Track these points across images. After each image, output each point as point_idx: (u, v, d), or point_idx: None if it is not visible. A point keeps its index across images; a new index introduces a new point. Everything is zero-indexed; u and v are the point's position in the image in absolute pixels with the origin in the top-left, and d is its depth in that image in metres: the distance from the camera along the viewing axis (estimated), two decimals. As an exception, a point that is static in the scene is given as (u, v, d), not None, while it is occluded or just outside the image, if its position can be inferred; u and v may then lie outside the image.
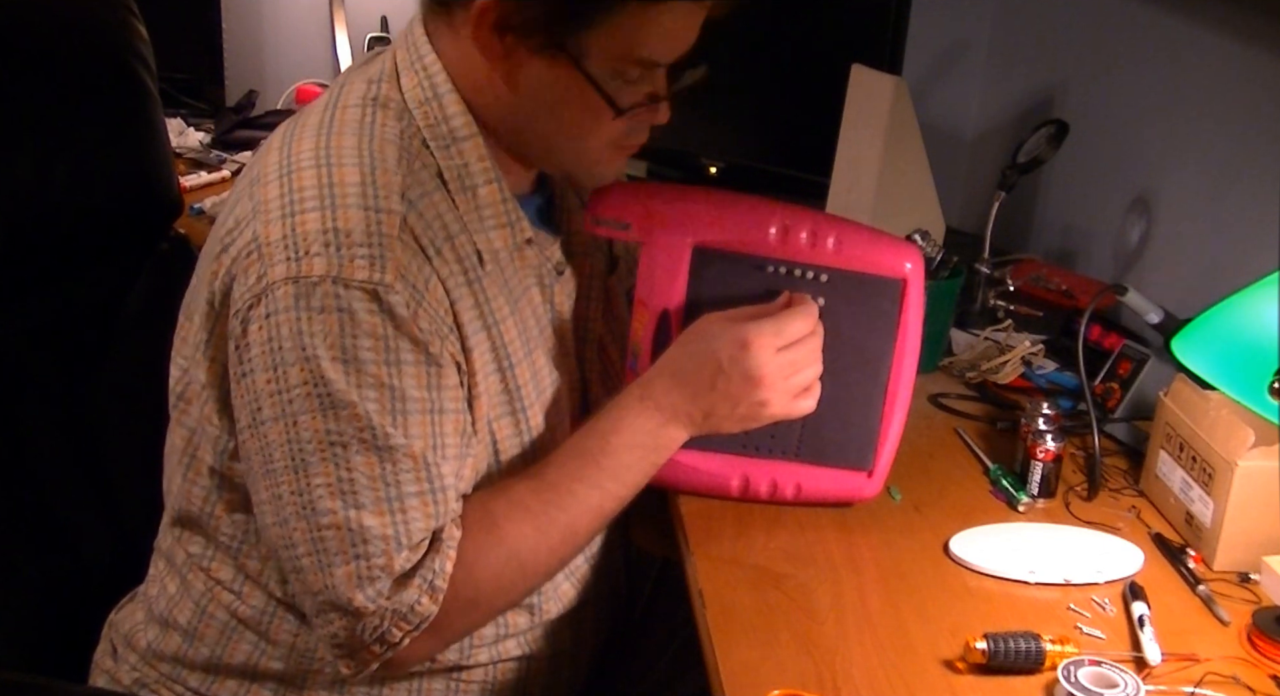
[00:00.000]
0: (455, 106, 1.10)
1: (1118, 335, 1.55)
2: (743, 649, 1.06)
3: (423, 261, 1.04)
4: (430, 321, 1.03)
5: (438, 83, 1.10)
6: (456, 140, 1.10)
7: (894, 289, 1.21)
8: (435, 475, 1.04)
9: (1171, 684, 1.03)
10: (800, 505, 1.26)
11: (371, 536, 1.02)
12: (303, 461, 1.02)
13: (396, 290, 1.01)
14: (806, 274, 1.19)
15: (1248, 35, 1.51)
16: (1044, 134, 1.76)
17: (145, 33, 1.40)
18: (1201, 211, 1.61)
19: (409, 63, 1.11)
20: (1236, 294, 1.06)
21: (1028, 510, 1.30)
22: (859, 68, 1.79)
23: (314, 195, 1.03)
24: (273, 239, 1.02)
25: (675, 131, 2.27)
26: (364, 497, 1.02)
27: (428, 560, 1.04)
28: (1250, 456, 1.16)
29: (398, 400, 1.02)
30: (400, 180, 1.05)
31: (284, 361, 1.01)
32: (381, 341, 1.01)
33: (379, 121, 1.08)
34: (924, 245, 1.60)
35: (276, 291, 1.01)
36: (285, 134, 1.10)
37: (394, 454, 1.02)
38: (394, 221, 1.02)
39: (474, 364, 1.08)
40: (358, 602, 1.02)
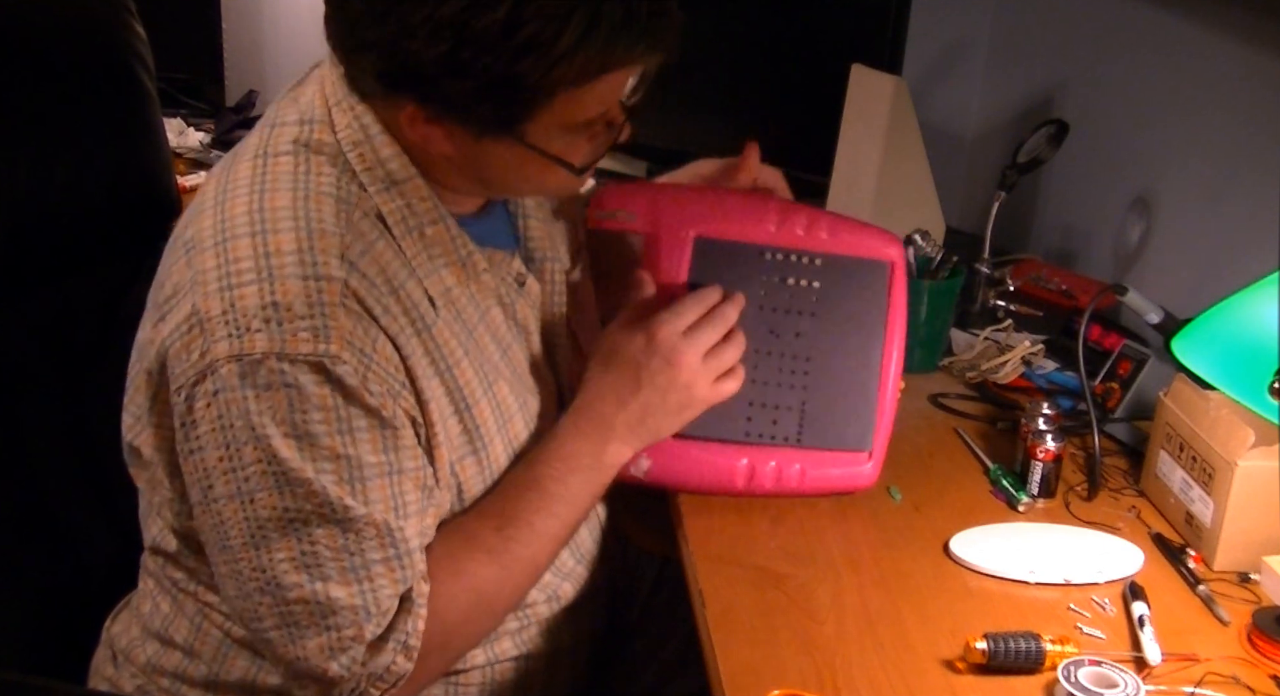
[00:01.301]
0: (389, 149, 1.07)
1: (1118, 335, 1.55)
2: (743, 649, 1.06)
3: (369, 324, 1.02)
4: (381, 383, 1.02)
5: (367, 124, 1.06)
6: (395, 182, 1.07)
7: (882, 270, 1.27)
8: (400, 540, 1.03)
9: (1171, 684, 1.03)
10: (804, 496, 1.26)
11: (340, 608, 1.01)
12: (263, 538, 1.01)
13: (343, 359, 0.99)
14: (801, 259, 1.26)
15: (1248, 35, 1.51)
16: (1044, 134, 1.76)
17: (143, 33, 1.40)
18: (1201, 211, 1.61)
19: (339, 101, 1.07)
20: (1236, 294, 1.06)
21: (1028, 510, 1.30)
22: (859, 68, 1.79)
23: (250, 267, 1.00)
24: (213, 314, 1.00)
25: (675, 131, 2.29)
26: (329, 569, 1.01)
27: (399, 622, 1.04)
28: (1250, 456, 1.16)
29: (354, 468, 1.01)
30: (339, 241, 1.02)
31: (235, 440, 0.99)
32: (332, 412, 0.99)
33: (313, 171, 1.05)
34: (924, 245, 1.60)
35: (220, 369, 0.99)
36: (219, 189, 1.06)
37: (355, 524, 1.01)
38: (335, 288, 1.00)
39: (431, 415, 1.07)
40: (332, 672, 1.02)
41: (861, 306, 1.27)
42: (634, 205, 1.26)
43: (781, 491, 1.26)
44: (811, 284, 1.25)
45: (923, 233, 1.61)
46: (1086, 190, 1.93)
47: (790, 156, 2.10)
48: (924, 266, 1.59)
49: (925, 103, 1.94)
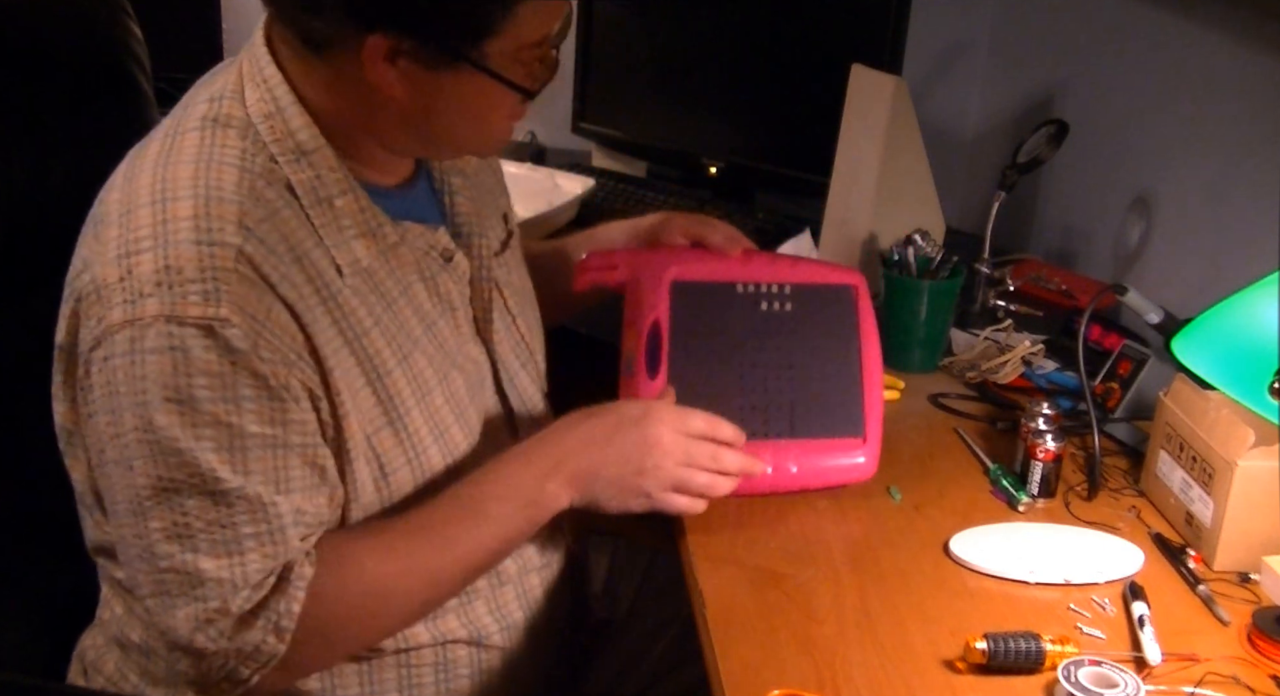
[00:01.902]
0: (299, 119, 1.08)
1: (1118, 335, 1.55)
2: (743, 649, 1.06)
3: (264, 290, 1.02)
4: (274, 350, 1.01)
5: (279, 96, 1.08)
6: (305, 153, 1.08)
7: (848, 292, 1.36)
8: (273, 515, 1.03)
9: (1171, 684, 1.03)
10: (804, 491, 1.26)
11: (207, 579, 1.01)
12: (140, 506, 1.02)
13: (233, 323, 0.99)
14: (772, 288, 1.34)
15: (1248, 35, 1.51)
16: (1044, 134, 1.76)
17: (140, 33, 1.40)
18: (1201, 211, 1.61)
19: (252, 75, 1.09)
20: (1236, 294, 1.06)
21: (1028, 510, 1.30)
22: (859, 68, 1.79)
23: (149, 235, 1.01)
24: (110, 281, 1.01)
25: (675, 131, 2.29)
26: (199, 541, 1.01)
27: (273, 600, 1.03)
28: (1250, 456, 1.16)
29: (236, 437, 1.01)
30: (237, 208, 1.03)
31: (120, 406, 1.00)
32: (218, 378, 0.99)
33: (218, 143, 1.06)
34: (924, 245, 1.60)
35: (115, 335, 1.00)
36: (128, 167, 1.09)
37: (228, 497, 1.01)
38: (228, 254, 1.01)
39: (336, 383, 1.06)
40: (198, 643, 1.02)
41: (834, 321, 1.34)
42: (615, 258, 1.36)
43: (780, 486, 1.26)
44: (785, 307, 1.33)
45: (923, 233, 1.61)
46: (1086, 190, 1.93)
47: (790, 156, 2.11)
48: (924, 266, 1.59)
49: (925, 103, 1.94)
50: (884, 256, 1.62)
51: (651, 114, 2.28)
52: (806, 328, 1.33)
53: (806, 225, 1.89)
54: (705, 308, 1.32)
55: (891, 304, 1.61)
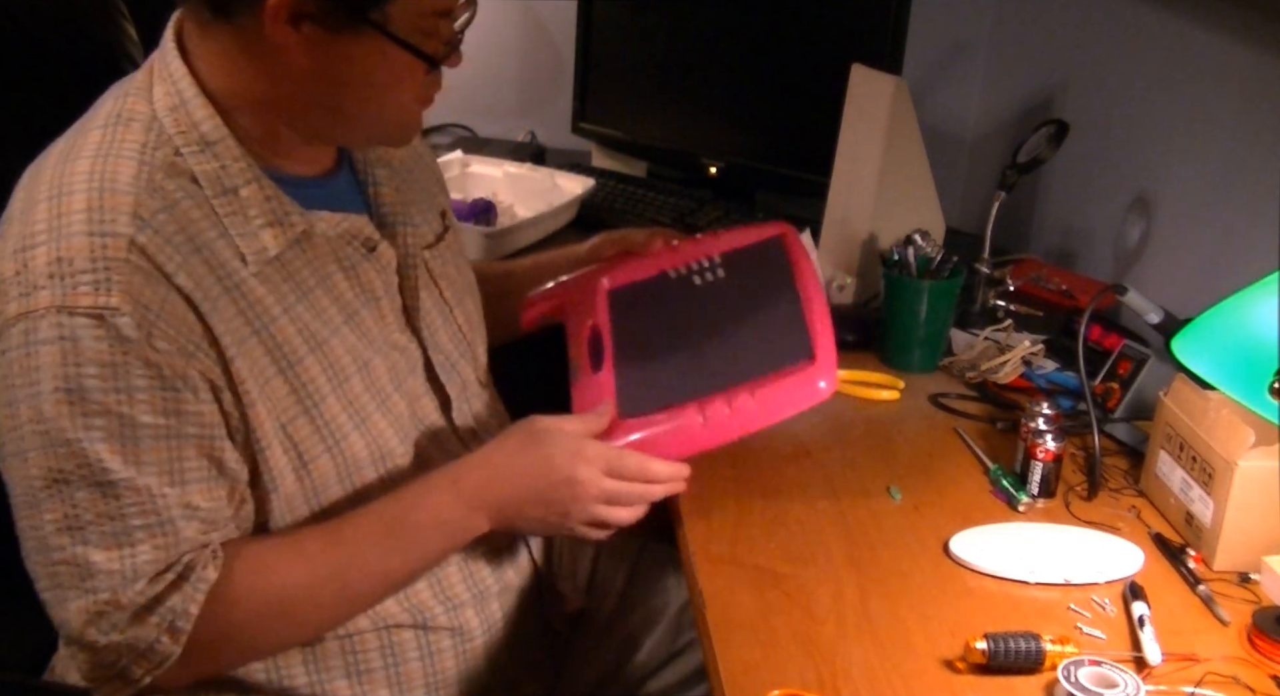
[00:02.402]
0: (202, 111, 1.09)
1: (1118, 335, 1.55)
2: (743, 649, 1.06)
3: (158, 281, 1.02)
4: (169, 341, 1.02)
5: (183, 89, 1.09)
6: (209, 144, 1.08)
7: (777, 242, 1.38)
8: (163, 506, 1.03)
9: (1171, 684, 1.03)
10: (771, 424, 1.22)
11: (98, 571, 1.02)
12: (34, 497, 1.02)
13: (124, 312, 0.99)
14: (702, 263, 1.38)
15: (1248, 35, 1.51)
16: (1044, 134, 1.76)
17: (135, 33, 1.39)
18: (1201, 211, 1.61)
19: (160, 71, 1.11)
20: (1236, 294, 1.06)
21: (1028, 510, 1.30)
22: (859, 68, 1.79)
23: (44, 229, 1.02)
24: (7, 276, 1.02)
25: (675, 131, 2.29)
26: (90, 533, 1.01)
27: (169, 598, 1.03)
28: (1250, 456, 1.16)
29: (127, 427, 1.01)
30: (131, 199, 1.03)
31: (15, 398, 1.01)
32: (109, 368, 1.00)
33: (118, 139, 1.07)
34: (924, 245, 1.60)
35: (11, 328, 1.00)
36: (34, 166, 1.10)
37: (116, 488, 1.01)
38: (120, 244, 1.01)
39: (240, 373, 1.06)
40: (89, 637, 1.02)
41: (769, 271, 1.35)
42: (551, 293, 1.43)
43: (745, 425, 1.22)
44: (719, 275, 1.37)
45: (923, 233, 1.61)
46: (1086, 190, 1.93)
47: (790, 156, 2.11)
48: (924, 266, 1.59)
49: (925, 103, 1.94)
50: (884, 256, 1.62)
51: (651, 114, 2.28)
52: (744, 285, 1.35)
53: (806, 225, 1.88)
54: (644, 302, 1.36)
55: (891, 304, 1.61)
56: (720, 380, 1.23)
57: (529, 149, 2.40)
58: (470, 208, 1.96)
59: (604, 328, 1.32)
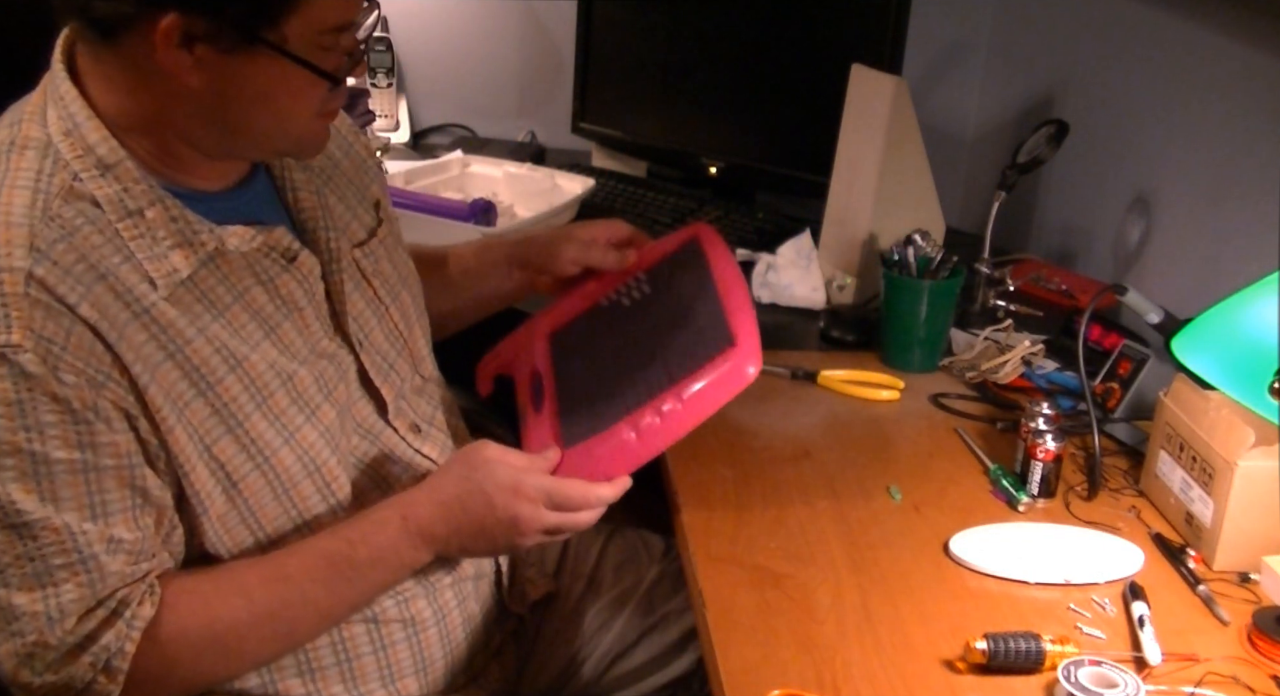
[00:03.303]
0: (96, 134, 1.05)
1: (1118, 335, 1.55)
2: (743, 649, 1.06)
3: (60, 313, 0.99)
4: (76, 373, 0.99)
5: (75, 112, 1.05)
6: (107, 168, 1.05)
7: (693, 245, 1.38)
8: (83, 543, 1.01)
9: (1171, 684, 1.03)
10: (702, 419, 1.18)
11: (21, 614, 1.00)
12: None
13: (25, 348, 0.97)
14: (629, 283, 1.40)
15: (1248, 35, 1.51)
16: (1044, 134, 1.76)
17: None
18: (1201, 211, 1.61)
19: (52, 94, 1.07)
20: (1236, 294, 1.06)
21: (1028, 510, 1.30)
22: (859, 68, 1.79)
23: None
24: None
25: (675, 131, 2.29)
26: (10, 575, 1.00)
27: (102, 636, 1.02)
28: (1250, 456, 1.16)
29: (40, 464, 0.99)
30: (27, 231, 1.00)
31: None
32: (15, 406, 0.97)
33: (12, 167, 1.04)
34: (924, 245, 1.60)
35: None
36: None
37: (32, 529, 0.99)
38: (17, 278, 0.98)
39: (154, 400, 1.03)
40: (23, 678, 1.01)
41: (687, 273, 1.35)
42: (497, 352, 1.43)
43: (676, 428, 1.19)
44: (644, 290, 1.38)
45: (923, 233, 1.61)
46: (1086, 190, 1.93)
47: (790, 156, 2.11)
48: (924, 266, 1.60)
49: (925, 103, 1.94)
50: (884, 256, 1.62)
51: (651, 114, 2.28)
52: (667, 294, 1.35)
53: (806, 225, 1.89)
54: (581, 338, 1.37)
55: (891, 304, 1.61)
56: (648, 390, 1.22)
57: (529, 149, 2.40)
58: (470, 208, 1.96)
59: (544, 369, 1.33)
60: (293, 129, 1.11)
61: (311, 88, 1.07)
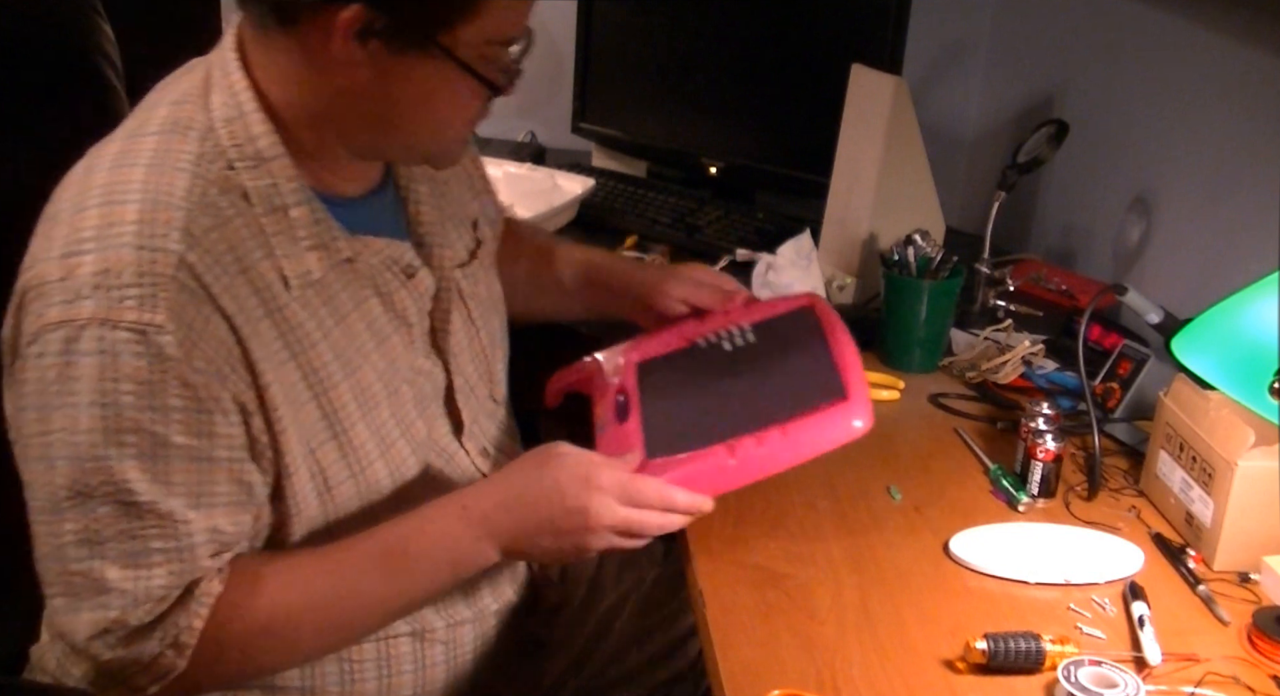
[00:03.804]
0: (261, 126, 1.07)
1: (1118, 335, 1.55)
2: (743, 649, 1.06)
3: (203, 301, 1.01)
4: (207, 362, 1.00)
5: (243, 101, 1.07)
6: (264, 160, 1.07)
7: (807, 313, 1.36)
8: (184, 532, 1.02)
9: (1171, 684, 1.03)
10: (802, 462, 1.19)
11: (111, 588, 1.01)
12: (57, 505, 1.01)
13: (168, 331, 0.98)
14: (730, 330, 1.36)
15: (1248, 35, 1.51)
16: (1044, 134, 1.76)
17: (110, 32, 1.37)
18: (1201, 211, 1.61)
19: (218, 79, 1.09)
20: (1236, 294, 1.06)
21: (1028, 510, 1.30)
22: (859, 68, 1.79)
23: (92, 236, 1.00)
24: (50, 279, 1.00)
25: (675, 131, 2.29)
26: (109, 550, 1.00)
27: (173, 614, 1.02)
28: (1250, 456, 1.16)
29: (159, 446, 0.99)
30: (184, 215, 1.01)
31: (49, 405, 0.99)
32: (145, 385, 0.98)
33: (174, 149, 1.05)
34: (924, 245, 1.60)
35: (50, 334, 0.98)
36: (85, 166, 1.07)
37: (140, 509, 1.00)
38: (169, 260, 0.99)
39: (274, 399, 1.05)
40: (94, 650, 1.02)
41: (800, 333, 1.33)
42: (579, 368, 1.39)
43: (775, 462, 1.19)
44: (749, 340, 1.35)
45: (923, 233, 1.61)
46: (1086, 190, 1.93)
47: (790, 156, 2.11)
48: (924, 266, 1.60)
49: (925, 103, 1.94)
50: (884, 256, 1.62)
51: (651, 114, 2.28)
52: (775, 345, 1.33)
53: (806, 225, 1.89)
54: (673, 369, 1.34)
55: (891, 304, 1.61)
56: (750, 422, 1.22)
57: (529, 149, 2.40)
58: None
59: (631, 390, 1.30)
60: (445, 135, 1.13)
61: (472, 96, 1.09)
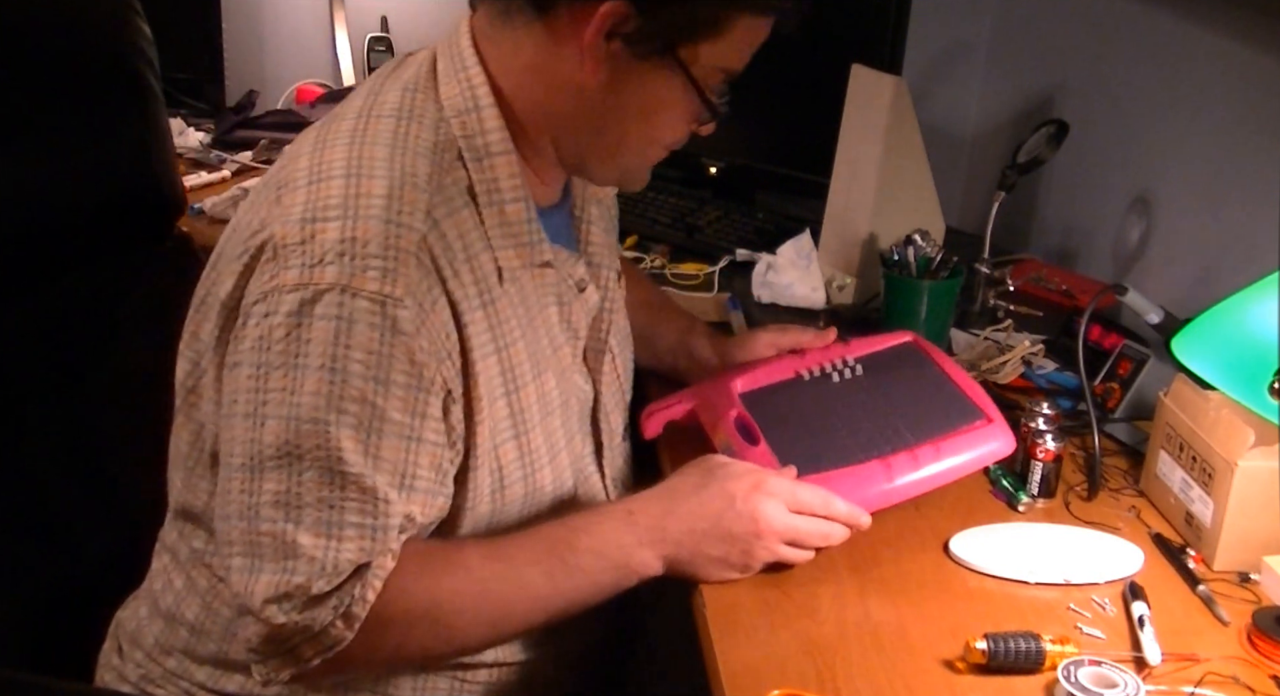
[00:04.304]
0: (494, 121, 1.09)
1: (1118, 335, 1.55)
2: (743, 649, 1.06)
3: (434, 282, 1.03)
4: (432, 342, 1.02)
5: (480, 95, 1.09)
6: (491, 154, 1.09)
7: (910, 347, 1.40)
8: (383, 512, 1.02)
9: (1171, 684, 1.03)
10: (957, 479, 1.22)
11: (301, 554, 1.01)
12: (260, 464, 1.01)
13: (405, 305, 1.00)
14: (836, 363, 1.37)
15: (1248, 35, 1.51)
16: (1044, 134, 1.76)
17: (149, 32, 1.40)
18: (1201, 211, 1.61)
19: (452, 71, 1.11)
20: (1236, 294, 1.06)
21: (1028, 510, 1.30)
22: (859, 68, 1.79)
23: (338, 205, 1.02)
24: (290, 242, 1.01)
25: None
26: (305, 515, 1.01)
27: (349, 585, 1.03)
28: (1250, 456, 1.16)
29: (376, 419, 1.00)
30: (427, 198, 1.04)
31: (269, 363, 1.00)
32: (375, 356, 0.99)
33: (413, 134, 1.07)
34: (924, 245, 1.60)
35: (285, 294, 1.00)
36: (317, 140, 1.09)
37: (345, 480, 1.01)
38: (413, 237, 1.01)
39: (478, 390, 1.07)
40: (267, 613, 1.02)
41: (910, 365, 1.36)
42: (678, 398, 1.38)
43: (931, 480, 1.21)
44: (856, 373, 1.36)
45: (923, 233, 1.61)
46: (1086, 190, 1.93)
47: (790, 156, 2.10)
48: (924, 266, 1.60)
49: (925, 103, 1.94)
50: (884, 256, 1.62)
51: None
52: (885, 376, 1.34)
53: (806, 225, 1.89)
54: (779, 400, 1.33)
55: (891, 304, 1.61)
56: (892, 442, 1.23)
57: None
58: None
59: (747, 417, 1.30)
60: (648, 153, 1.16)
61: (688, 117, 1.13)
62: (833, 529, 1.15)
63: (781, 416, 1.30)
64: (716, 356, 1.45)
